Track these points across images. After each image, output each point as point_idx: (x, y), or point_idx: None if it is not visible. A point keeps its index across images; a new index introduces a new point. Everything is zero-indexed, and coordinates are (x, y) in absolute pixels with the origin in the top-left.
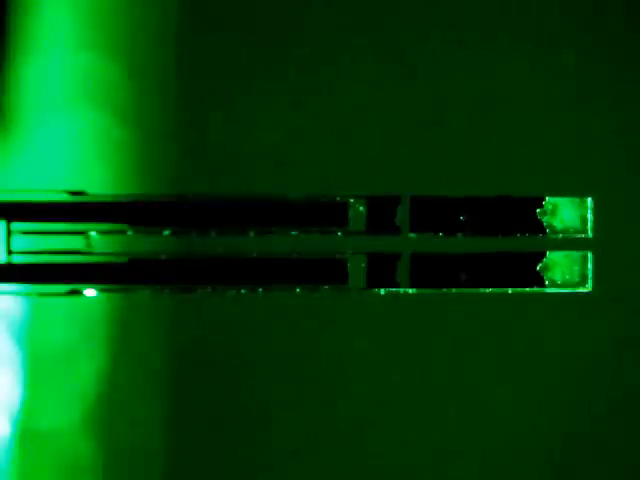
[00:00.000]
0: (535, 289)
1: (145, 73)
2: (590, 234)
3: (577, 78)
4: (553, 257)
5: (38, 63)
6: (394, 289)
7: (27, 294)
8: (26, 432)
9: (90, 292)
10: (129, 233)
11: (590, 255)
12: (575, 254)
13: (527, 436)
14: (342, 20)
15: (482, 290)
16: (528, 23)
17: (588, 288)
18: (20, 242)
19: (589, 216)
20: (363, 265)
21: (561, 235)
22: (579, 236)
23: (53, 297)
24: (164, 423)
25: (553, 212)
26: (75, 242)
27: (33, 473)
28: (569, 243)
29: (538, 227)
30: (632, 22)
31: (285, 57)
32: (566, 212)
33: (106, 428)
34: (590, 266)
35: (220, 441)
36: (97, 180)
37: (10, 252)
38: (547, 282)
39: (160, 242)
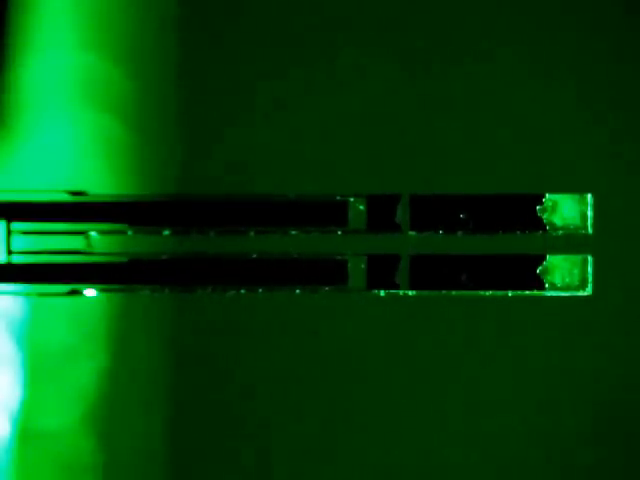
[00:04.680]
0: (535, 292)
1: (145, 73)
2: (590, 230)
3: (577, 74)
4: (553, 260)
5: (38, 63)
6: (394, 290)
7: (27, 294)
8: (26, 432)
9: (90, 292)
10: (129, 233)
11: (590, 258)
12: (575, 257)
13: (527, 438)
14: (342, 20)
15: (482, 292)
16: (528, 22)
17: (588, 292)
18: (20, 242)
19: (589, 213)
20: (363, 266)
21: (561, 232)
22: (579, 232)
23: (53, 297)
24: (164, 423)
25: (553, 209)
26: (75, 242)
27: (33, 473)
28: (569, 240)
29: (538, 224)
30: (632, 21)
31: (285, 57)
32: (566, 209)
33: (106, 428)
34: (590, 269)
35: (220, 441)
36: (97, 180)
37: (10, 252)
38: (547, 285)
39: (160, 242)
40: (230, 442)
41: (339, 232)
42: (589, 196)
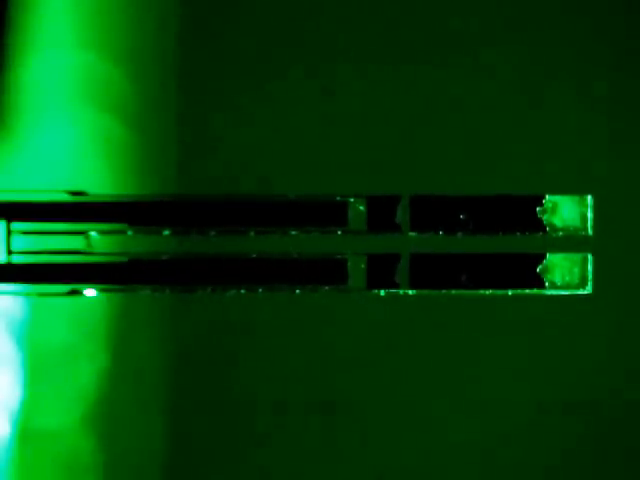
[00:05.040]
0: (535, 291)
1: (145, 73)
2: (590, 232)
3: (577, 74)
4: (553, 259)
5: (38, 63)
6: (394, 290)
7: (27, 294)
8: (26, 432)
9: (90, 292)
10: (129, 233)
11: (590, 257)
12: (575, 256)
13: (527, 437)
14: (343, 21)
15: (482, 291)
16: (527, 22)
17: (588, 290)
18: (20, 242)
19: (589, 214)
20: (363, 266)
21: (561, 233)
22: (579, 234)
23: (53, 297)
24: (164, 423)
25: (553, 210)
26: (75, 242)
27: (33, 473)
28: (569, 241)
29: (538, 225)
30: (632, 22)
31: (285, 57)
32: (566, 210)
33: (106, 428)
34: (590, 268)
35: (220, 441)
36: (97, 180)
37: (10, 252)
38: (547, 284)
39: (160, 242)
40: (230, 442)
41: (339, 232)
42: (589, 197)
